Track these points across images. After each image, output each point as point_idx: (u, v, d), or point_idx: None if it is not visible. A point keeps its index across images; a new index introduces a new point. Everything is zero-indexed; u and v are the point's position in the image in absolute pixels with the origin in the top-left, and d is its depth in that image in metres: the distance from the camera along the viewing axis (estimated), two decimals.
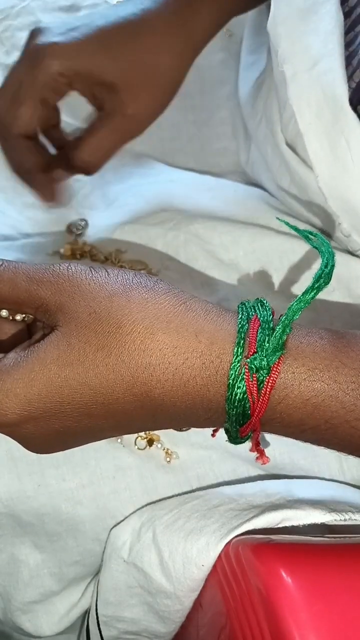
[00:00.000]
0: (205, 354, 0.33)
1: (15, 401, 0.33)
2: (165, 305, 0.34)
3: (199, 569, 0.40)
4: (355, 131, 0.43)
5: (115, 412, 0.34)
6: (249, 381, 0.32)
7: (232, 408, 0.33)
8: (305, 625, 0.32)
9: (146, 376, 0.33)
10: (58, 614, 0.50)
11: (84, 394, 0.33)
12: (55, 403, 0.34)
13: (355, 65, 0.45)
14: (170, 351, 0.33)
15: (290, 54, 0.46)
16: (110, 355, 0.33)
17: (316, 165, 0.45)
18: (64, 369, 0.33)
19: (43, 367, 0.33)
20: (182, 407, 0.34)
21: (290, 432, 0.34)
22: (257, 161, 0.60)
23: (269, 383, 0.32)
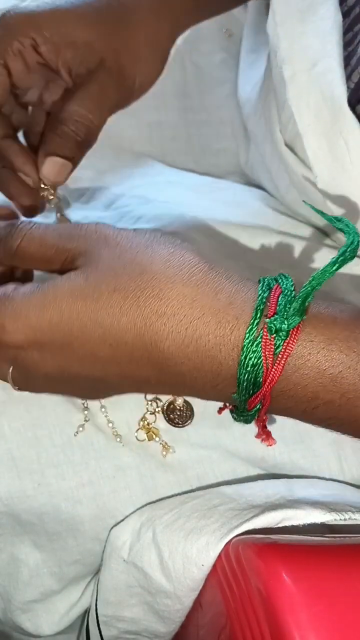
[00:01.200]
0: (222, 312, 0.32)
1: (25, 323, 0.34)
2: (189, 261, 0.34)
3: (198, 568, 0.40)
4: (354, 132, 0.43)
5: (121, 358, 0.33)
6: (265, 344, 0.32)
7: (243, 373, 0.32)
8: (305, 625, 0.32)
9: (159, 325, 0.32)
10: (58, 614, 0.50)
11: (93, 332, 0.33)
12: (64, 334, 0.33)
13: (354, 65, 0.45)
14: (187, 304, 0.33)
15: (289, 54, 0.46)
16: (127, 299, 0.33)
17: (315, 166, 0.46)
18: (77, 302, 0.33)
19: (57, 296, 0.34)
20: (189, 365, 0.33)
21: (301, 408, 0.33)
22: (257, 161, 0.61)
23: (287, 348, 0.32)
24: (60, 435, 0.45)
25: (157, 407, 0.46)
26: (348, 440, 0.46)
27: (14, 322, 0.34)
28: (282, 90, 0.48)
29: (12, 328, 0.34)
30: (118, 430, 0.46)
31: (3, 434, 0.45)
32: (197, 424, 0.46)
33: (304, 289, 0.32)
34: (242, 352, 0.32)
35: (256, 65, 0.61)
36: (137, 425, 0.46)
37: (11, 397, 0.45)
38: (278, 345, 0.32)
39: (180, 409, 0.46)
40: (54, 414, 0.45)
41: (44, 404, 0.45)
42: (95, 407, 0.46)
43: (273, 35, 0.47)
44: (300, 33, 0.46)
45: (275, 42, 0.47)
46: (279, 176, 0.54)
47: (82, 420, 0.45)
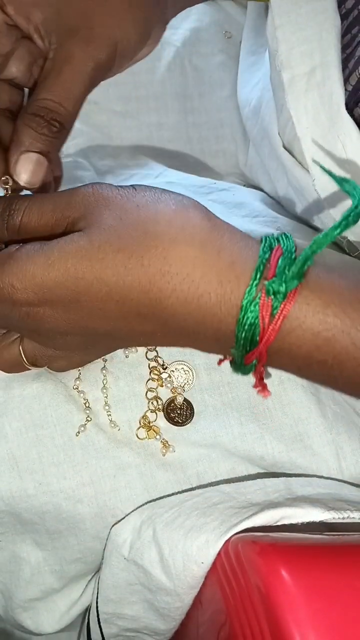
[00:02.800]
0: (224, 271, 0.33)
1: (32, 282, 0.34)
2: (192, 219, 0.35)
3: (198, 566, 0.41)
4: (351, 135, 0.43)
5: (128, 314, 0.34)
6: (263, 305, 0.33)
7: (241, 331, 0.33)
8: (305, 622, 0.32)
9: (163, 283, 0.33)
10: (59, 612, 0.50)
11: (99, 290, 0.34)
12: (72, 292, 0.34)
13: (352, 68, 0.46)
14: (190, 263, 0.33)
15: (287, 58, 0.46)
16: (131, 258, 0.33)
17: (313, 168, 0.46)
18: (82, 262, 0.34)
19: (62, 256, 0.34)
20: (192, 322, 0.34)
21: (296, 365, 0.35)
22: (255, 163, 0.61)
23: (283, 310, 0.33)
24: (61, 435, 0.45)
25: (158, 405, 0.46)
26: (347, 439, 0.47)
27: (21, 281, 0.34)
28: (280, 94, 0.48)
29: (21, 286, 0.34)
30: (119, 429, 0.46)
31: (4, 434, 0.45)
32: (197, 423, 0.46)
33: (305, 253, 0.33)
34: (240, 312, 0.33)
35: (255, 67, 0.61)
36: (137, 424, 0.46)
37: (12, 397, 0.45)
38: (275, 306, 0.33)
39: (181, 408, 0.46)
40: (55, 414, 0.45)
41: (45, 404, 0.45)
42: (96, 407, 0.46)
43: (272, 39, 0.47)
44: (299, 37, 0.46)
45: (274, 45, 0.47)
46: (277, 177, 0.55)
47: (83, 420, 0.46)
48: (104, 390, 0.46)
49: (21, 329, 0.38)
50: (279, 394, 0.46)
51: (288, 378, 0.46)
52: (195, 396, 0.46)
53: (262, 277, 0.33)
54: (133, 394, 0.46)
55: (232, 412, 0.46)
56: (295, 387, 0.46)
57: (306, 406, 0.46)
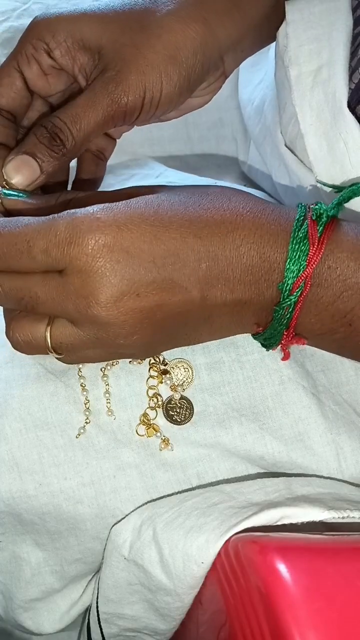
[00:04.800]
0: (275, 221, 0.39)
1: (119, 223, 0.37)
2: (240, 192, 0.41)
3: (198, 566, 0.41)
4: (353, 133, 0.43)
5: (199, 259, 0.38)
6: (311, 227, 0.38)
7: (293, 257, 0.38)
8: (305, 622, 0.32)
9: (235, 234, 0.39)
10: (59, 612, 0.50)
11: (181, 240, 0.38)
12: (150, 241, 0.37)
13: (354, 66, 0.46)
14: (249, 211, 0.39)
15: (296, 55, 0.46)
16: (207, 211, 0.39)
17: (315, 166, 0.46)
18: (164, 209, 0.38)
19: (146, 205, 0.38)
20: (253, 256, 0.39)
21: (329, 296, 0.39)
22: (256, 162, 0.61)
23: (327, 231, 0.38)
24: (61, 435, 0.45)
25: (158, 402, 0.46)
26: (347, 439, 0.47)
27: (105, 221, 0.37)
28: (284, 91, 0.48)
29: (105, 223, 0.37)
30: (119, 430, 0.46)
31: (4, 435, 0.45)
32: (197, 422, 0.46)
33: (337, 199, 0.40)
34: (291, 239, 0.38)
35: (257, 67, 0.61)
36: (137, 421, 0.46)
37: (12, 398, 0.45)
38: (320, 230, 0.38)
39: (180, 407, 0.46)
40: (55, 415, 0.45)
41: (46, 405, 0.45)
42: (97, 407, 0.46)
43: (282, 35, 0.47)
44: (310, 35, 0.46)
45: (284, 41, 0.47)
46: (278, 177, 0.55)
47: (83, 421, 0.46)
48: (104, 390, 0.46)
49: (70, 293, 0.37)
50: (279, 393, 0.46)
51: (289, 378, 0.46)
52: (196, 396, 0.46)
53: (307, 213, 0.39)
54: (134, 392, 0.46)
55: (233, 412, 0.46)
56: (296, 387, 0.46)
57: (306, 406, 0.46)
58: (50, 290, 0.37)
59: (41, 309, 0.38)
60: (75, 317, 0.38)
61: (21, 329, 0.40)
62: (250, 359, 0.46)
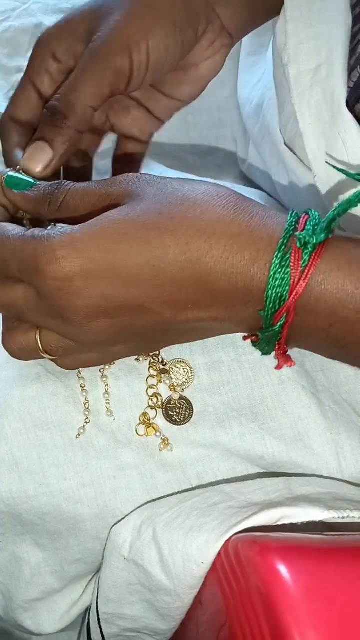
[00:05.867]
0: (257, 231, 0.36)
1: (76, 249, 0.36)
2: (225, 192, 0.38)
3: (198, 566, 0.41)
4: (352, 132, 0.43)
5: (163, 279, 0.36)
6: (294, 258, 0.35)
7: (273, 286, 0.35)
8: (305, 622, 0.32)
9: (201, 242, 0.36)
10: (59, 612, 0.50)
11: (138, 252, 0.35)
12: (110, 258, 0.35)
13: (353, 64, 0.46)
14: (226, 224, 0.36)
15: (295, 53, 0.46)
16: (172, 220, 0.36)
17: (314, 165, 0.46)
18: (125, 225, 0.36)
19: (105, 223, 0.36)
20: (226, 282, 0.36)
21: (320, 325, 0.36)
22: (256, 162, 0.61)
23: (313, 262, 0.35)
24: (61, 436, 0.45)
25: (158, 402, 0.46)
26: (347, 439, 0.47)
27: (64, 250, 0.35)
28: (283, 90, 0.48)
29: (62, 254, 0.35)
30: (119, 430, 0.46)
31: (5, 435, 0.45)
32: (197, 422, 0.46)
33: (330, 214, 0.36)
34: (272, 266, 0.35)
35: (256, 67, 0.61)
36: (137, 421, 0.46)
37: (12, 398, 0.45)
38: (305, 259, 0.35)
39: (180, 407, 0.46)
40: (56, 415, 0.45)
41: (46, 406, 0.45)
42: (96, 407, 0.46)
43: (281, 33, 0.47)
44: (309, 33, 0.46)
45: (283, 39, 0.47)
46: (278, 176, 0.55)
47: (82, 422, 0.46)
48: (104, 390, 0.46)
49: (46, 311, 0.38)
50: (279, 393, 0.46)
51: (288, 378, 0.46)
52: (196, 396, 0.46)
53: (293, 235, 0.36)
54: (133, 393, 0.46)
55: (232, 412, 0.46)
56: (296, 387, 0.46)
57: (306, 406, 0.46)
58: (30, 305, 0.38)
59: (26, 319, 0.40)
60: (56, 329, 0.39)
61: (14, 338, 0.41)
62: (249, 359, 0.46)
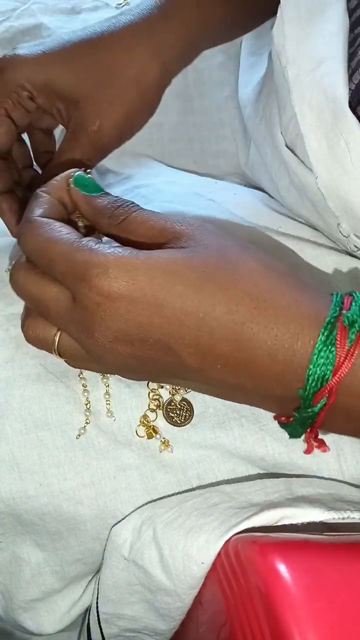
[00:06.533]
0: (306, 306, 0.36)
1: (130, 275, 0.35)
2: (281, 265, 0.38)
3: (198, 566, 0.41)
4: (355, 132, 0.43)
5: (203, 331, 0.36)
6: (340, 336, 0.34)
7: (317, 365, 0.34)
8: (305, 623, 0.32)
9: (250, 307, 0.35)
10: (59, 612, 0.50)
11: (190, 300, 0.35)
12: (160, 295, 0.35)
13: (355, 66, 0.45)
14: (278, 295, 0.36)
15: (294, 54, 0.46)
16: (228, 279, 0.36)
17: (316, 166, 0.46)
18: (185, 269, 0.36)
19: (167, 260, 0.36)
20: (265, 350, 0.35)
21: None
22: (257, 163, 0.61)
23: (359, 341, 0.34)
24: (61, 436, 0.45)
25: (159, 404, 0.46)
26: (347, 440, 0.47)
27: (118, 270, 0.35)
28: (284, 91, 0.48)
29: (115, 274, 0.35)
30: (119, 431, 0.46)
31: (5, 435, 0.45)
32: (197, 424, 0.46)
33: None
34: (317, 343, 0.34)
35: (256, 68, 0.61)
36: (137, 422, 0.46)
37: (12, 398, 0.45)
38: (351, 339, 0.34)
39: (180, 408, 0.46)
40: (56, 415, 0.45)
41: (46, 406, 0.45)
42: (97, 408, 0.46)
43: (279, 35, 0.47)
44: (307, 34, 0.46)
45: (281, 41, 0.47)
46: (279, 177, 0.55)
47: (83, 422, 0.46)
48: (104, 391, 0.46)
49: (75, 320, 0.38)
50: None
51: None
52: (196, 397, 0.46)
53: (340, 314, 0.35)
54: (134, 394, 0.46)
55: (233, 413, 0.46)
56: None
57: None
58: (60, 309, 0.38)
59: (49, 319, 0.40)
60: (77, 339, 0.39)
61: (35, 326, 0.41)
62: None
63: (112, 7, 0.69)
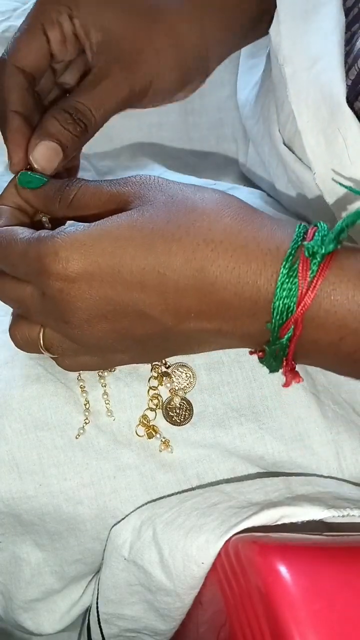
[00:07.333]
0: (265, 242, 0.36)
1: (80, 251, 0.36)
2: (236, 202, 0.38)
3: (198, 566, 0.41)
4: (352, 128, 0.43)
5: (167, 286, 0.36)
6: (302, 268, 0.34)
7: (280, 297, 0.34)
8: (305, 623, 0.32)
9: (207, 251, 0.35)
10: (59, 612, 0.50)
11: (144, 258, 0.35)
12: (116, 262, 0.36)
13: (351, 62, 0.46)
14: (234, 234, 0.36)
15: (290, 53, 0.46)
16: (179, 228, 0.36)
17: (314, 163, 0.46)
18: (132, 231, 0.36)
19: (113, 227, 0.36)
20: (231, 291, 0.35)
21: (329, 339, 0.35)
22: (256, 162, 0.61)
23: (321, 272, 0.34)
24: (61, 436, 0.45)
25: (159, 403, 0.46)
26: (347, 439, 0.47)
27: (67, 250, 0.36)
28: (281, 89, 0.48)
29: (65, 255, 0.36)
30: (119, 430, 0.46)
31: (4, 436, 0.45)
32: (197, 423, 0.46)
33: (339, 224, 0.35)
34: (279, 277, 0.35)
35: (255, 69, 0.61)
36: (137, 422, 0.46)
37: (12, 398, 0.45)
38: (313, 270, 0.34)
39: (180, 408, 0.46)
40: (56, 415, 0.45)
41: (46, 406, 0.45)
42: (96, 407, 0.46)
43: (275, 34, 0.47)
44: (303, 32, 0.46)
45: (278, 39, 0.47)
46: (277, 176, 0.55)
47: (82, 422, 0.46)
48: (103, 390, 0.46)
49: (49, 312, 0.39)
50: (279, 393, 0.46)
51: None
52: (195, 396, 0.46)
53: (301, 245, 0.35)
54: (133, 393, 0.46)
55: (232, 412, 0.46)
56: (296, 387, 0.46)
57: (306, 406, 0.46)
58: (36, 305, 0.39)
59: (31, 317, 0.41)
60: (58, 330, 0.39)
61: (20, 328, 0.42)
62: (249, 359, 0.46)
63: None
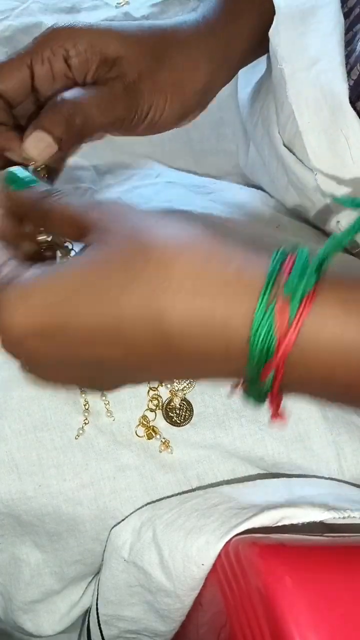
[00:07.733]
0: (232, 282, 0.31)
1: (28, 307, 0.32)
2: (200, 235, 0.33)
3: (198, 567, 0.40)
4: (355, 128, 0.43)
5: (124, 340, 0.32)
6: (279, 309, 0.29)
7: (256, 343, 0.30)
8: (305, 624, 0.32)
9: (164, 300, 0.31)
10: (59, 613, 0.50)
11: (93, 315, 0.32)
12: (62, 315, 0.32)
13: (353, 63, 0.46)
14: (194, 276, 0.31)
15: (289, 53, 0.46)
16: (135, 272, 0.31)
17: (315, 163, 0.46)
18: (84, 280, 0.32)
19: (62, 276, 0.32)
20: (198, 341, 0.31)
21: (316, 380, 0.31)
22: (256, 162, 0.61)
23: (303, 311, 0.29)
24: (61, 436, 0.45)
25: (158, 404, 0.46)
26: (347, 440, 0.46)
27: (13, 304, 0.32)
28: (281, 90, 0.48)
29: (11, 310, 0.32)
30: (119, 431, 0.46)
31: (4, 436, 0.45)
32: (197, 424, 0.46)
33: (321, 252, 0.31)
34: (254, 320, 0.30)
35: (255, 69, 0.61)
36: (136, 422, 0.46)
37: (11, 399, 0.45)
38: (292, 310, 0.29)
39: (180, 408, 0.46)
40: (55, 416, 0.45)
41: (45, 407, 0.45)
42: (96, 409, 0.46)
43: (274, 34, 0.48)
44: (301, 32, 0.46)
45: (276, 40, 0.47)
46: (277, 176, 0.55)
47: (82, 423, 0.45)
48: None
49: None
50: None
51: None
52: (195, 397, 0.46)
53: (276, 282, 0.30)
54: (133, 394, 0.46)
55: (232, 413, 0.46)
56: None
57: (306, 407, 0.46)
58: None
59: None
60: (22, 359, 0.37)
61: None
62: None
63: (112, 7, 0.69)
